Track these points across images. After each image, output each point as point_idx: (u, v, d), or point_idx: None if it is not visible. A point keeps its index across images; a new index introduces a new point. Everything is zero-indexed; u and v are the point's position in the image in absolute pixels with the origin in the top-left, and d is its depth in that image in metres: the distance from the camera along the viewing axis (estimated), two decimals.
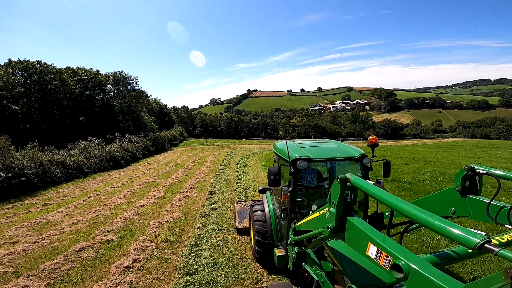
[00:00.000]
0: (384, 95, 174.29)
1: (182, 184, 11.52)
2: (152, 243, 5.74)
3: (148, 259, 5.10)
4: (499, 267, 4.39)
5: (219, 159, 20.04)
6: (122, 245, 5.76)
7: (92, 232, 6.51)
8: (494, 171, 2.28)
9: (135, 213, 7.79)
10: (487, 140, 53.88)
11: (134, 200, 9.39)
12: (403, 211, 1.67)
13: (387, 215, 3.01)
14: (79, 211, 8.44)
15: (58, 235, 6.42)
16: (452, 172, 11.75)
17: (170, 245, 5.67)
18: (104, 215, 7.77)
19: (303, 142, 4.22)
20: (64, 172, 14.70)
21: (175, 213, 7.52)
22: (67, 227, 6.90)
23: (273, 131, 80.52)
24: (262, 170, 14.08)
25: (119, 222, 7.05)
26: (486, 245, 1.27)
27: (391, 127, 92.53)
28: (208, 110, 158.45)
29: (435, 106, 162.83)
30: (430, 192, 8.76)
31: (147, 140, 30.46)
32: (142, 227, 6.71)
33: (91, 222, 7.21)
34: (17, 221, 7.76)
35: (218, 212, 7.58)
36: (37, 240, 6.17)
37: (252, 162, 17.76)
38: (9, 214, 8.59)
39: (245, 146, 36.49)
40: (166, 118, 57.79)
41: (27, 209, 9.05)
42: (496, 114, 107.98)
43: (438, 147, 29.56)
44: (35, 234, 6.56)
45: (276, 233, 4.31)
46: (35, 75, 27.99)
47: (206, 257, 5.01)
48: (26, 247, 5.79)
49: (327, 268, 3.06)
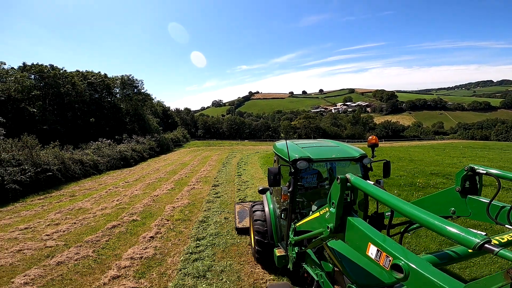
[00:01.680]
0: (385, 97, 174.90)
1: (189, 179, 13.05)
2: (169, 221, 7.26)
3: (167, 232, 6.60)
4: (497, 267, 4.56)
5: (221, 159, 21.57)
6: (145, 223, 7.28)
7: (119, 214, 8.03)
8: (494, 171, 2.27)
9: (151, 200, 9.33)
10: (482, 141, 54.76)
11: (148, 191, 10.92)
12: (403, 211, 1.67)
13: (387, 215, 3.03)
14: (104, 200, 9.99)
15: (92, 217, 7.94)
16: (430, 170, 13.13)
17: (183, 222, 7.18)
18: (126, 203, 9.31)
19: (303, 143, 4.28)
20: (82, 169, 16.30)
21: (185, 200, 9.06)
22: (97, 212, 8.43)
23: (274, 133, 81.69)
24: (260, 168, 15.56)
25: (139, 207, 8.57)
26: (486, 245, 1.26)
27: (391, 129, 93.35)
28: (210, 112, 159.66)
29: (437, 108, 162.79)
30: (401, 184, 10.19)
31: (153, 141, 32.11)
32: (159, 211, 8.23)
33: (116, 208, 8.74)
34: (53, 209, 9.29)
35: (221, 199, 9.11)
36: (76, 221, 7.68)
37: (252, 161, 19.25)
38: (43, 204, 10.14)
39: (246, 147, 38.01)
40: (169, 120, 59.48)
41: (57, 200, 10.60)
42: (498, 116, 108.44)
43: (431, 148, 30.79)
44: (73, 218, 8.08)
45: (276, 233, 4.35)
46: (49, 78, 29.80)
47: (211, 229, 6.53)
48: (68, 227, 7.29)
49: (327, 268, 3.08)
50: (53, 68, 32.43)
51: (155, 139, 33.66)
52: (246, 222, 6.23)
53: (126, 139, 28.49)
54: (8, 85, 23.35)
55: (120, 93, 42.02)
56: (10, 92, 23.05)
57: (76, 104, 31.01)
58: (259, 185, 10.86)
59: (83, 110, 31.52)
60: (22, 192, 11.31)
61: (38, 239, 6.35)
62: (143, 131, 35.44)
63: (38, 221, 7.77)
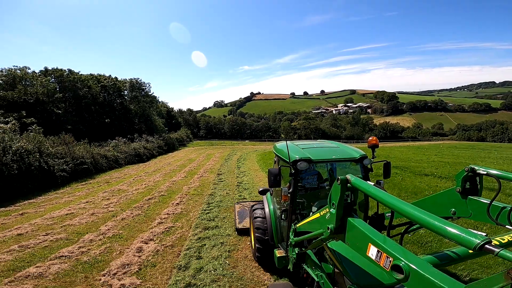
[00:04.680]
0: (386, 98, 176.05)
1: (197, 170, 16.06)
2: (187, 195, 10.24)
3: (187, 200, 9.57)
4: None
5: (223, 156, 24.57)
6: (170, 196, 10.26)
7: (150, 192, 11.01)
8: (494, 172, 2.27)
9: (171, 184, 12.33)
10: (473, 142, 56.88)
11: (167, 178, 13.93)
12: (403, 212, 1.68)
13: (388, 216, 3.03)
14: (135, 184, 13.01)
15: (131, 194, 10.92)
16: (395, 164, 15.89)
17: (197, 195, 10.17)
18: (152, 185, 12.31)
19: (304, 143, 4.32)
20: (107, 162, 19.38)
21: (197, 183, 12.09)
22: (133, 191, 11.43)
23: (275, 133, 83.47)
24: (256, 163, 18.53)
25: (163, 188, 11.56)
26: (486, 245, 1.27)
27: (389, 130, 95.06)
28: (212, 112, 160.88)
29: (437, 109, 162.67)
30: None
31: (160, 140, 35.26)
32: (178, 189, 11.22)
33: (146, 188, 11.73)
34: (98, 190, 12.27)
35: (223, 182, 12.15)
36: (121, 197, 10.65)
37: (250, 157, 22.24)
38: (87, 187, 13.16)
39: (246, 147, 41.09)
40: (173, 120, 62.36)
41: (97, 185, 13.62)
42: (498, 117, 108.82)
43: (417, 148, 33.49)
44: (117, 195, 11.02)
45: (277, 234, 4.39)
46: (68, 82, 33.03)
47: (217, 198, 9.54)
48: (117, 200, 10.21)
49: (328, 269, 3.11)
50: (71, 72, 35.70)
51: (162, 138, 36.80)
52: (246, 222, 6.44)
53: (137, 138, 31.59)
54: (36, 89, 26.49)
55: (129, 95, 45.20)
56: (38, 95, 26.20)
57: (92, 106, 34.21)
58: (254, 174, 13.84)
59: (98, 111, 34.71)
60: (67, 179, 14.39)
61: (101, 207, 9.24)
62: (150, 131, 38.40)
63: (92, 198, 10.73)
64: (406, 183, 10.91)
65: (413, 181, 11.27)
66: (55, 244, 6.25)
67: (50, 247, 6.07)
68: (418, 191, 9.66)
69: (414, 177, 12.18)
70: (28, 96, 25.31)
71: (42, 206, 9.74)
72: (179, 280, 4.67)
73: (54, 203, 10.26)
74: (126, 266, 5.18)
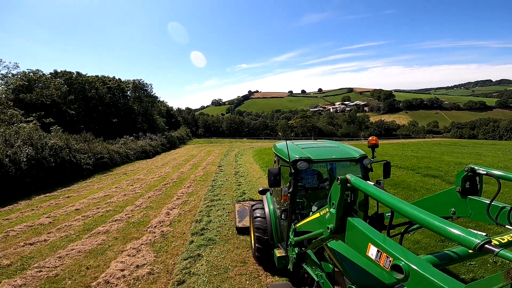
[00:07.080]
0: (383, 96, 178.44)
1: (200, 163, 18.70)
2: (194, 181, 12.88)
3: (195, 185, 12.19)
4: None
5: (222, 152, 27.21)
6: (182, 182, 12.87)
7: (164, 180, 13.60)
8: (494, 172, 2.28)
9: (180, 174, 14.95)
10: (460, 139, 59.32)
11: (175, 170, 16.54)
12: (403, 212, 1.69)
13: (388, 216, 3.04)
14: (149, 174, 15.61)
15: (148, 182, 13.50)
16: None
17: (202, 181, 12.79)
18: (164, 175, 14.91)
19: (303, 143, 4.31)
20: (120, 158, 21.94)
21: (201, 173, 14.77)
22: (150, 179, 14.02)
23: (272, 131, 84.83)
24: (252, 157, 21.15)
25: (174, 177, 14.17)
26: (486, 245, 1.28)
27: (384, 128, 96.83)
28: (210, 111, 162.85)
29: (433, 107, 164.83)
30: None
31: (163, 138, 37.86)
32: (187, 177, 13.84)
33: (160, 177, 14.33)
34: (120, 180, 14.81)
35: (224, 172, 14.85)
36: (142, 183, 13.22)
37: (247, 153, 24.90)
38: (110, 178, 15.72)
39: (243, 144, 43.81)
40: (172, 119, 64.53)
41: (117, 176, 16.18)
42: (493, 115, 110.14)
43: (401, 144, 36.15)
44: (138, 182, 13.58)
45: (277, 233, 4.42)
46: (77, 84, 35.43)
47: (219, 183, 12.21)
48: (140, 185, 12.79)
49: (328, 269, 3.14)
50: (79, 74, 38.06)
51: (165, 136, 39.37)
52: (246, 221, 6.57)
53: (142, 137, 34.10)
54: (51, 91, 28.91)
55: (132, 96, 47.53)
56: (53, 97, 28.63)
57: (99, 107, 36.65)
58: (249, 166, 16.44)
59: (105, 112, 37.16)
60: (91, 171, 16.96)
61: (128, 191, 11.80)
62: (152, 130, 40.82)
63: (118, 185, 13.28)
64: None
65: (376, 170, 13.89)
66: (107, 213, 8.79)
67: (104, 216, 8.58)
68: (375, 177, 12.29)
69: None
70: (45, 98, 27.73)
71: (81, 192, 12.30)
72: (197, 227, 7.28)
73: (89, 189, 12.84)
74: (161, 222, 7.78)
